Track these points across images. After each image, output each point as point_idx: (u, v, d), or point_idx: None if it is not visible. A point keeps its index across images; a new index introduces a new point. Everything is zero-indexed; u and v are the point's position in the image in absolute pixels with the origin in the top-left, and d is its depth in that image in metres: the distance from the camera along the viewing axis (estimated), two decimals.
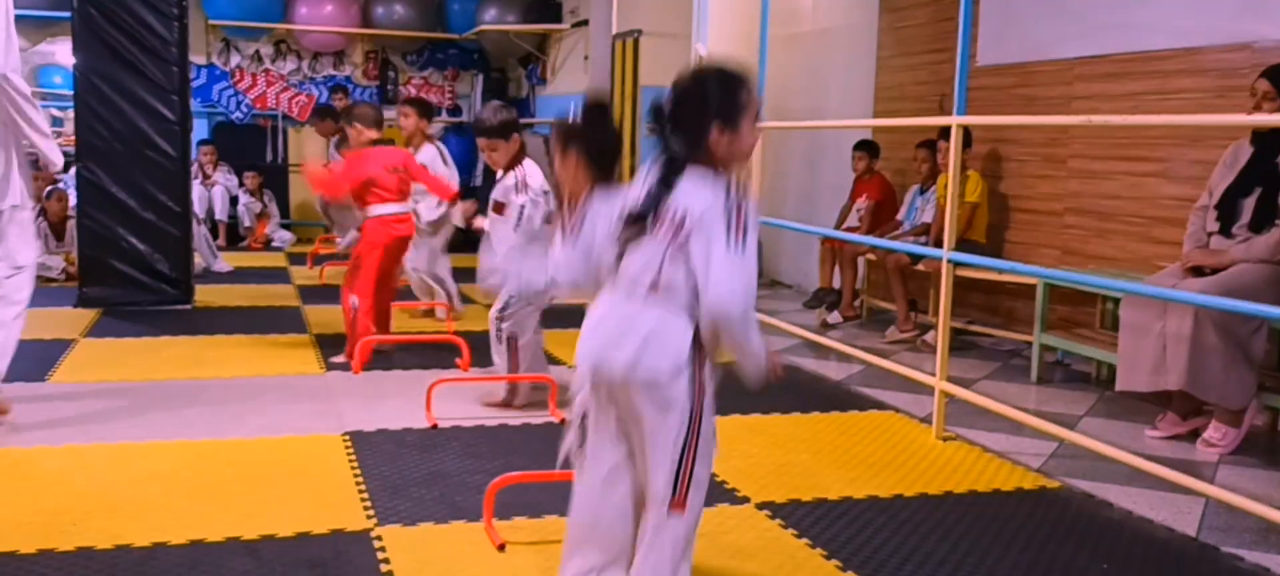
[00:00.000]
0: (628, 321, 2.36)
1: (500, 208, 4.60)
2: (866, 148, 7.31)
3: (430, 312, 7.00)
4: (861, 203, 7.27)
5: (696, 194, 2.31)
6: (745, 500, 3.51)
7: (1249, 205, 4.29)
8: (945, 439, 4.34)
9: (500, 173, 4.70)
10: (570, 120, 3.07)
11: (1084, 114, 5.59)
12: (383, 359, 5.50)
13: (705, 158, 2.34)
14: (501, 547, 3.05)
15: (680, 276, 2.31)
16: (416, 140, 6.80)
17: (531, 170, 4.62)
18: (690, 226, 2.29)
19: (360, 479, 3.63)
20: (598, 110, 3.19)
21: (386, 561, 2.94)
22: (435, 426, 4.28)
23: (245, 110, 12.01)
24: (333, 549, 3.03)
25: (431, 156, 6.70)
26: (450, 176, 6.74)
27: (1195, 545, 3.29)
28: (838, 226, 7.32)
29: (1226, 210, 4.38)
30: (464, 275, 8.68)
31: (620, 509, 2.46)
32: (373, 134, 5.58)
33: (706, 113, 2.35)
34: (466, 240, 7.36)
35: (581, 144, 2.95)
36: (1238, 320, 4.05)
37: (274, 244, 11.00)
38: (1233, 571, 3.10)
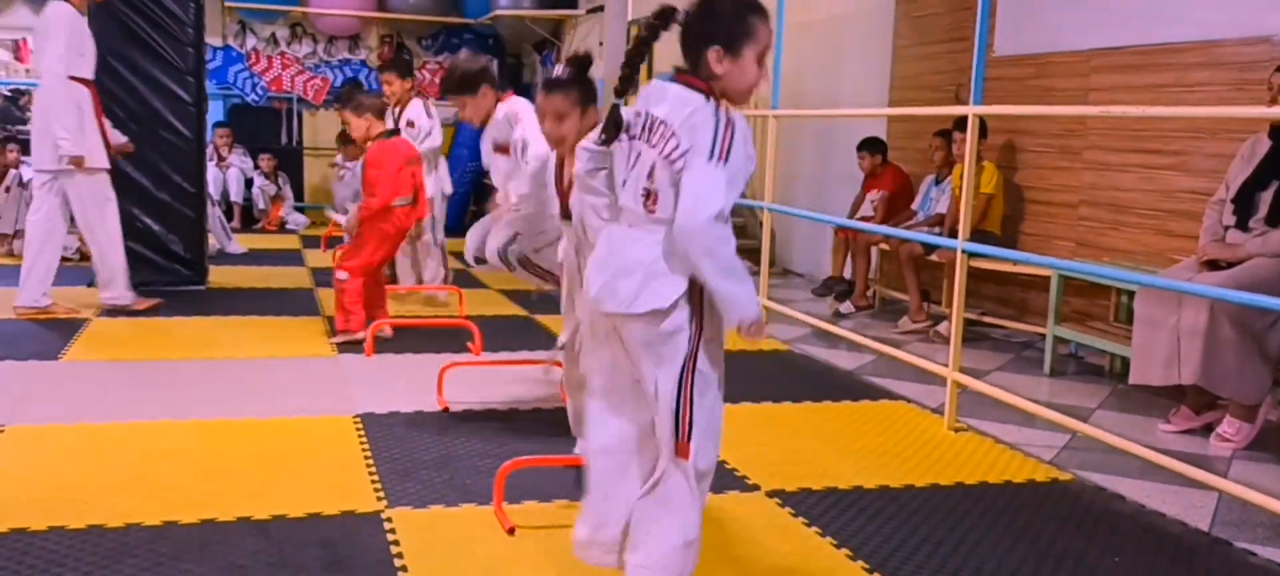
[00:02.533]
0: (626, 252, 2.33)
1: (503, 149, 4.46)
2: (870, 146, 7.26)
3: (432, 298, 6.98)
4: (875, 193, 7.24)
5: (681, 103, 2.27)
6: (755, 488, 3.50)
7: (1266, 199, 4.26)
8: (957, 430, 4.33)
9: (480, 125, 4.59)
10: (555, 74, 3.18)
11: (1101, 106, 5.56)
12: (394, 342, 5.50)
13: (701, 82, 2.29)
14: (511, 531, 3.05)
15: (670, 191, 2.26)
16: (404, 99, 6.82)
17: (521, 104, 4.43)
18: (673, 133, 2.24)
19: (371, 461, 3.64)
20: (584, 61, 3.28)
21: (396, 543, 2.94)
22: (446, 409, 4.29)
23: (260, 93, 12.03)
24: (343, 529, 3.03)
25: (418, 111, 6.72)
26: (433, 129, 6.75)
27: (1207, 540, 3.28)
28: (850, 217, 7.30)
29: (1243, 204, 4.35)
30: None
31: (633, 492, 2.43)
32: (384, 127, 5.62)
33: (709, 32, 2.28)
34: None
35: (575, 87, 3.09)
36: (1253, 315, 4.03)
37: (288, 226, 11.03)
38: (1245, 567, 3.08)
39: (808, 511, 3.32)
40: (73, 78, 5.69)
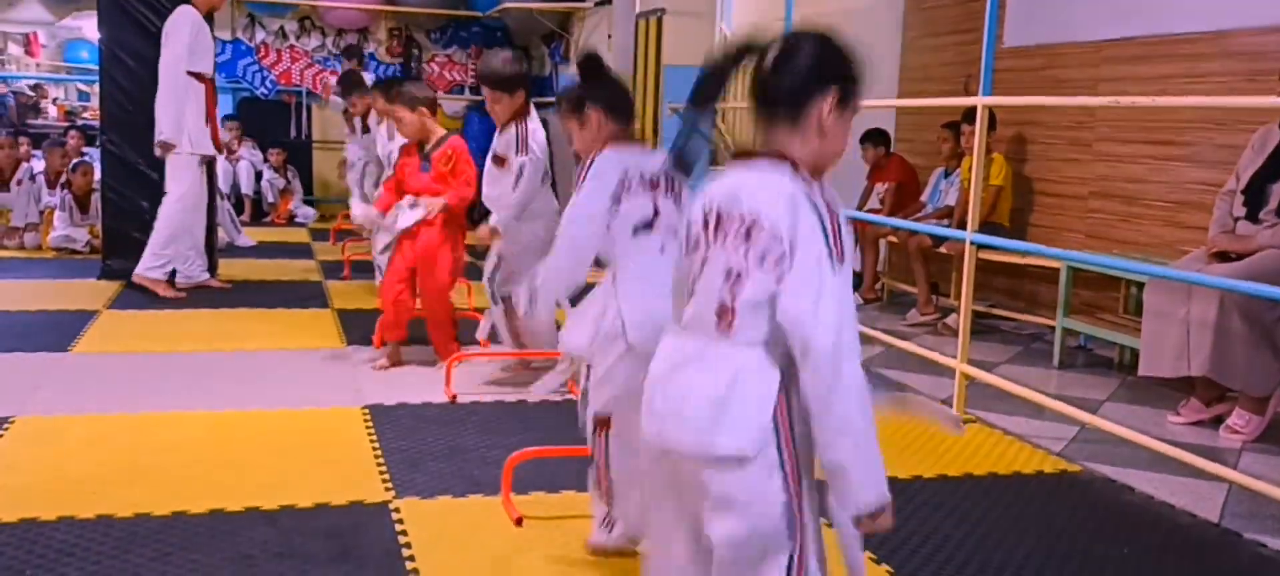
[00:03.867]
0: (691, 373, 1.80)
1: (500, 161, 4.49)
2: (873, 138, 7.24)
3: None
4: (881, 186, 7.22)
5: (769, 191, 1.75)
6: None
7: (1277, 191, 4.24)
8: (965, 421, 4.32)
9: (500, 127, 4.55)
10: (576, 86, 2.91)
11: (1110, 97, 5.54)
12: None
13: (787, 145, 1.80)
14: (519, 522, 3.06)
15: (754, 310, 1.74)
16: (365, 111, 7.27)
17: (535, 129, 4.47)
18: (763, 230, 1.73)
19: (379, 452, 3.65)
20: (593, 62, 2.93)
21: (404, 533, 2.95)
22: (454, 399, 4.29)
23: (270, 86, 12.04)
24: (351, 520, 3.04)
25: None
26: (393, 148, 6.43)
27: (1217, 531, 3.27)
28: (858, 209, 7.29)
29: (1254, 195, 4.33)
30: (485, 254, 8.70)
31: None
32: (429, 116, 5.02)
33: (823, 74, 1.79)
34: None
35: (597, 98, 2.80)
36: (1263, 306, 4.01)
37: (297, 220, 11.04)
38: (1254, 558, 3.07)
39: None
40: (190, 73, 6.38)
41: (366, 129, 7.49)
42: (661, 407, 1.83)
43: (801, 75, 1.79)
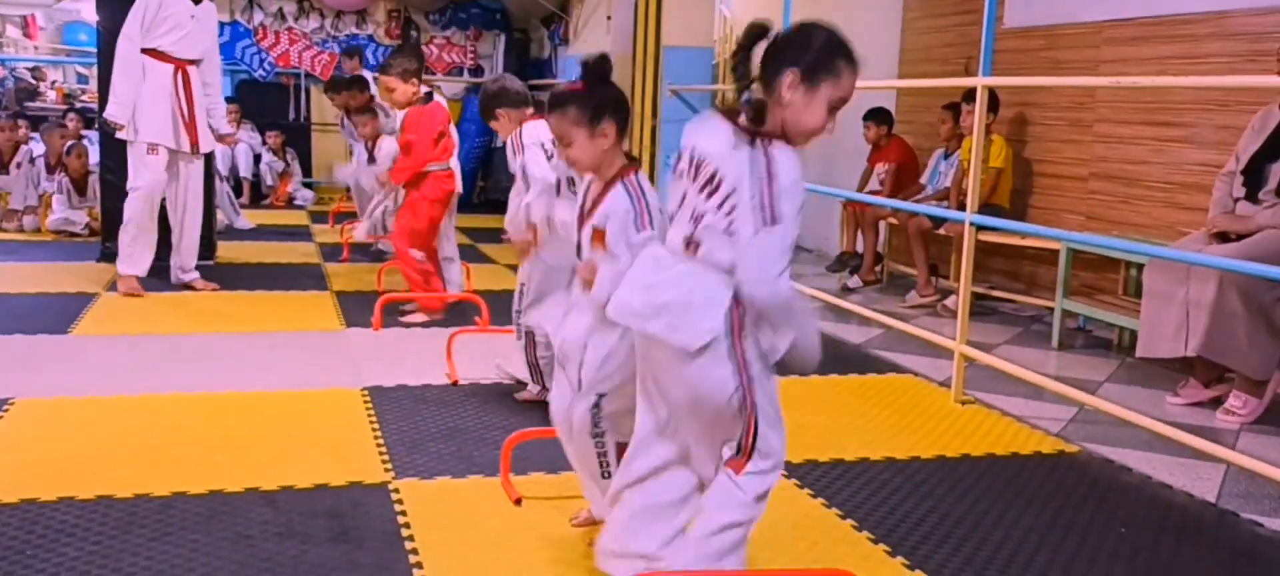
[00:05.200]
0: (662, 276, 2.26)
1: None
2: (876, 116, 7.24)
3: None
4: (881, 167, 7.22)
5: (714, 138, 2.19)
6: None
7: (1276, 170, 4.24)
8: (964, 403, 4.32)
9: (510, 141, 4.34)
10: (580, 85, 2.63)
11: (1111, 78, 5.53)
12: (401, 315, 5.51)
13: (748, 123, 2.19)
14: (518, 502, 3.06)
15: (713, 239, 2.19)
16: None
17: (532, 131, 4.09)
18: (712, 176, 2.17)
19: (378, 433, 3.65)
20: (606, 66, 2.68)
21: (403, 513, 2.96)
22: (455, 382, 4.29)
23: (268, 68, 12.01)
24: (350, 500, 3.04)
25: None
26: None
27: (1214, 510, 3.28)
28: (858, 191, 7.28)
29: (1253, 175, 4.33)
30: (485, 235, 8.71)
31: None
32: (416, 87, 5.53)
33: (793, 55, 2.17)
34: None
35: (615, 110, 2.58)
36: (1262, 287, 4.01)
37: (296, 202, 11.03)
38: (1252, 537, 3.08)
39: (814, 483, 3.32)
40: (149, 51, 5.75)
41: (372, 160, 7.24)
42: (641, 306, 2.27)
43: (772, 58, 2.18)
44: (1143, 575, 2.78)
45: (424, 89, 5.55)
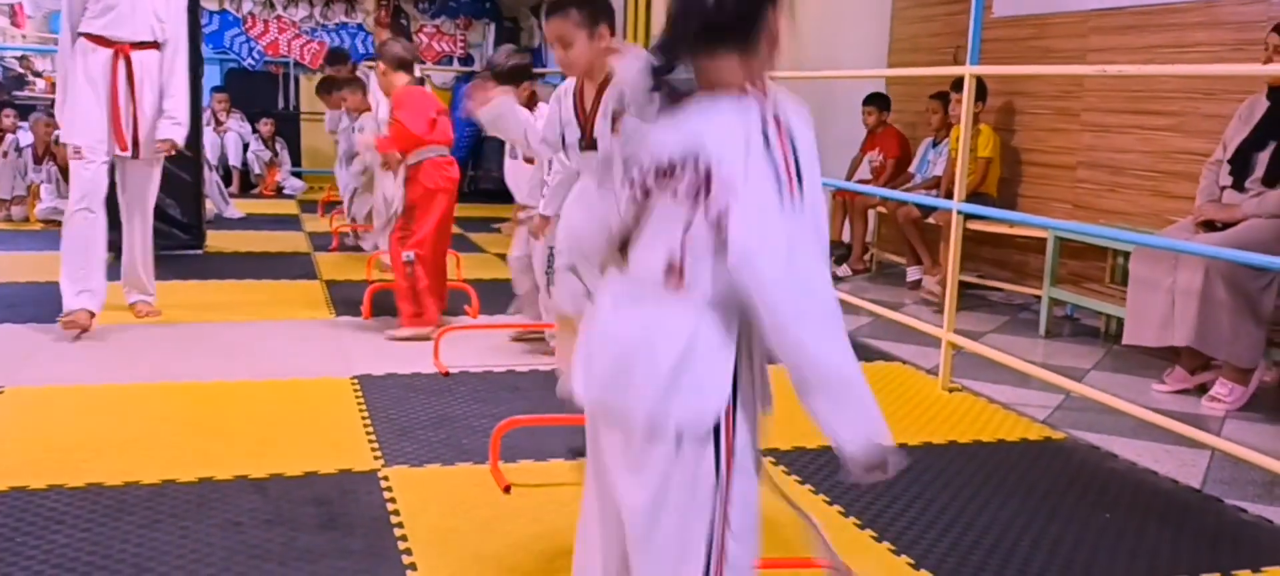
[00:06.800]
0: (640, 333, 1.61)
1: (531, 159, 4.36)
2: (877, 101, 7.27)
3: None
4: (873, 155, 7.24)
5: (727, 135, 1.54)
6: None
7: (1263, 159, 4.26)
8: (951, 390, 4.35)
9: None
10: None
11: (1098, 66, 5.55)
12: (391, 304, 5.50)
13: (740, 73, 1.60)
14: (507, 489, 3.08)
15: (707, 264, 1.55)
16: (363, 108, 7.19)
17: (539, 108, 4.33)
18: (721, 188, 1.53)
19: (368, 421, 3.66)
20: None
21: (392, 500, 2.97)
22: (446, 374, 4.30)
23: (257, 57, 11.98)
24: (339, 487, 3.05)
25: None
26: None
27: (1198, 496, 3.30)
28: (848, 179, 7.30)
29: (1240, 164, 4.35)
30: (476, 225, 8.71)
31: None
32: (404, 77, 5.18)
33: None
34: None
35: (611, 18, 2.66)
36: (1248, 276, 4.03)
37: (285, 191, 11.01)
38: (1235, 523, 3.11)
39: (802, 469, 3.34)
40: (87, 35, 4.70)
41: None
42: (603, 371, 1.65)
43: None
44: (1127, 559, 2.80)
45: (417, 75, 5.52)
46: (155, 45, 4.84)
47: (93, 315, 4.73)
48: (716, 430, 1.59)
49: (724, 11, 1.59)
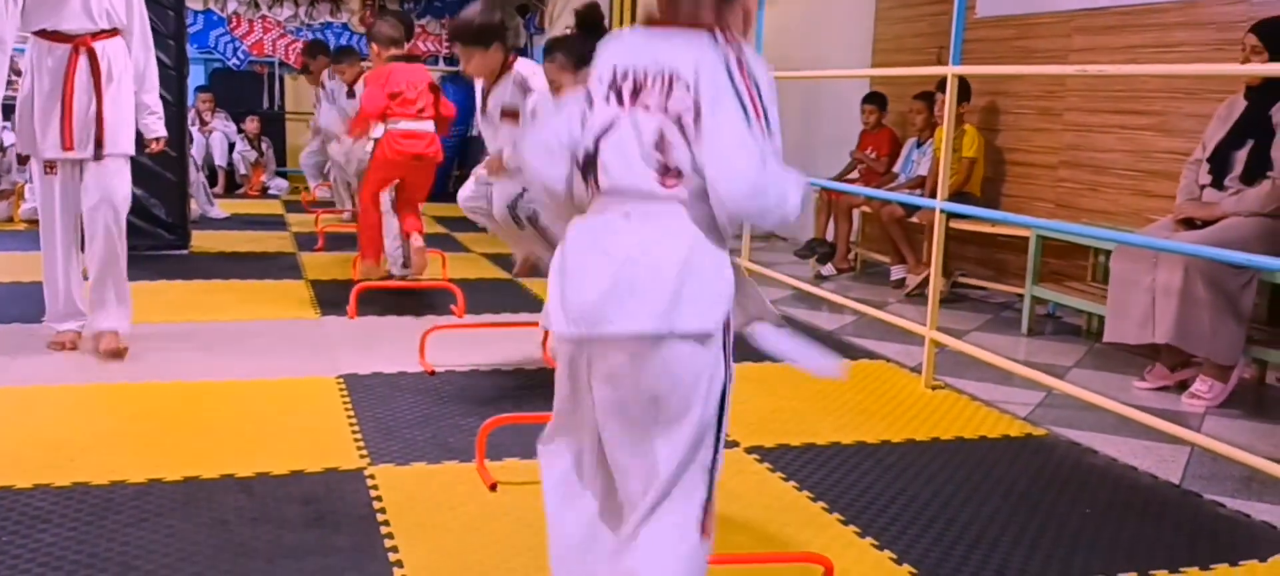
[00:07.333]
0: (635, 255, 1.66)
1: (514, 115, 4.21)
2: (876, 100, 7.30)
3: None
4: (868, 154, 7.28)
5: (685, 51, 1.70)
6: (735, 444, 3.55)
7: (1241, 157, 4.30)
8: (934, 387, 4.38)
9: (486, 83, 4.38)
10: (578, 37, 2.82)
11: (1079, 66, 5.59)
12: (377, 305, 5.52)
13: (699, 12, 1.75)
14: (493, 487, 3.09)
15: (688, 160, 1.67)
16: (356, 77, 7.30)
17: (530, 67, 4.26)
18: (686, 93, 1.67)
19: (354, 420, 3.67)
20: (596, 13, 2.85)
21: (378, 498, 2.98)
22: (432, 373, 4.31)
23: (242, 56, 11.96)
24: (325, 486, 3.06)
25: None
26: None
27: (1178, 492, 3.34)
28: (844, 177, 7.35)
29: (1219, 163, 4.40)
30: (461, 224, 8.71)
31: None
32: (393, 52, 5.59)
33: None
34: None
35: (562, 51, 2.73)
36: (1227, 274, 4.07)
37: (270, 191, 11.00)
38: (1213, 518, 3.14)
39: (785, 466, 3.36)
40: (42, 33, 4.20)
41: (352, 94, 7.47)
42: (597, 295, 1.67)
43: None
44: (1107, 553, 2.83)
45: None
46: (116, 33, 4.31)
47: (80, 334, 4.52)
48: (724, 337, 1.70)
49: None
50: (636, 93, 1.71)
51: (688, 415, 1.68)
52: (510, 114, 4.26)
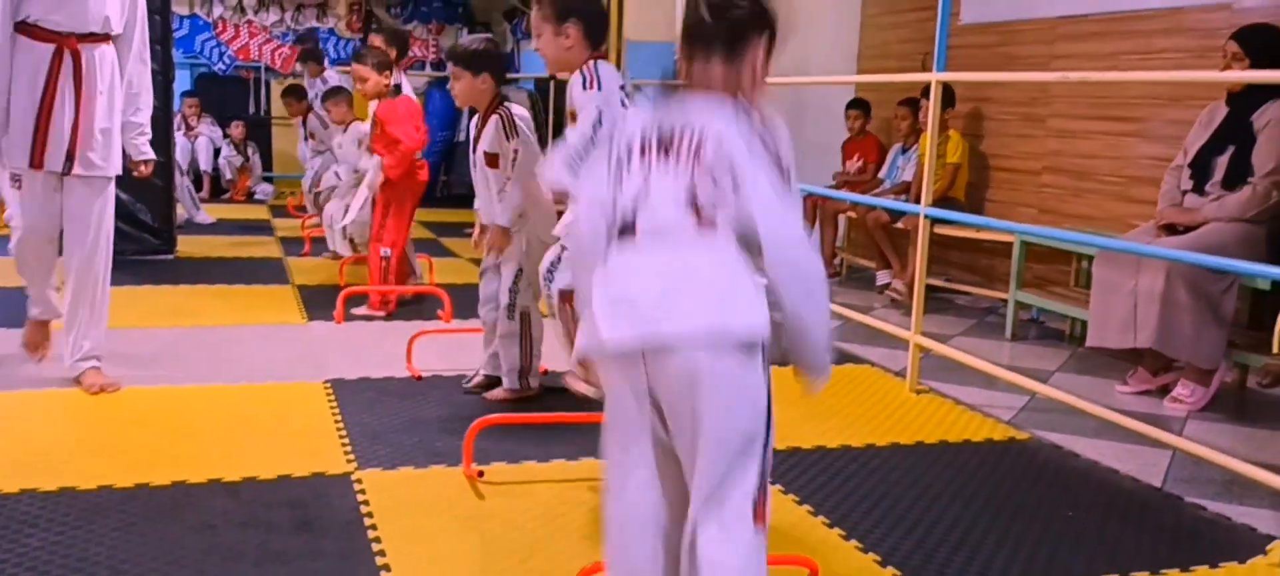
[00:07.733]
0: (682, 268, 1.79)
1: (493, 160, 4.00)
2: (859, 105, 7.34)
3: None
4: (854, 161, 7.32)
5: (714, 114, 1.82)
6: None
7: (1222, 163, 4.34)
8: (919, 392, 4.40)
9: (478, 125, 4.11)
10: None
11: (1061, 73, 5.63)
12: (363, 308, 5.52)
13: (724, 79, 1.87)
14: (480, 475, 3.11)
15: (722, 211, 1.78)
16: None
17: (517, 111, 4.03)
18: (714, 152, 1.79)
19: (341, 425, 3.67)
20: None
21: (366, 503, 2.99)
22: (418, 378, 4.32)
23: (228, 61, 11.94)
24: (313, 490, 3.07)
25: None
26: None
27: (1159, 495, 3.37)
28: (836, 185, 7.38)
29: (1200, 168, 4.44)
30: (448, 229, 8.72)
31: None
32: (391, 81, 5.55)
33: (756, 19, 1.88)
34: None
35: (581, 11, 2.73)
36: (1209, 279, 4.11)
37: (256, 197, 10.98)
38: (1194, 520, 3.17)
39: (772, 470, 3.37)
40: (22, 28, 3.78)
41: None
42: (648, 303, 1.78)
43: (742, 19, 1.87)
44: (1089, 556, 2.86)
45: (394, 81, 5.56)
46: (107, 38, 3.92)
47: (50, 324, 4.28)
48: (763, 345, 1.80)
49: (716, 30, 1.86)
50: (666, 150, 1.83)
51: (740, 428, 1.82)
52: (490, 157, 4.01)
